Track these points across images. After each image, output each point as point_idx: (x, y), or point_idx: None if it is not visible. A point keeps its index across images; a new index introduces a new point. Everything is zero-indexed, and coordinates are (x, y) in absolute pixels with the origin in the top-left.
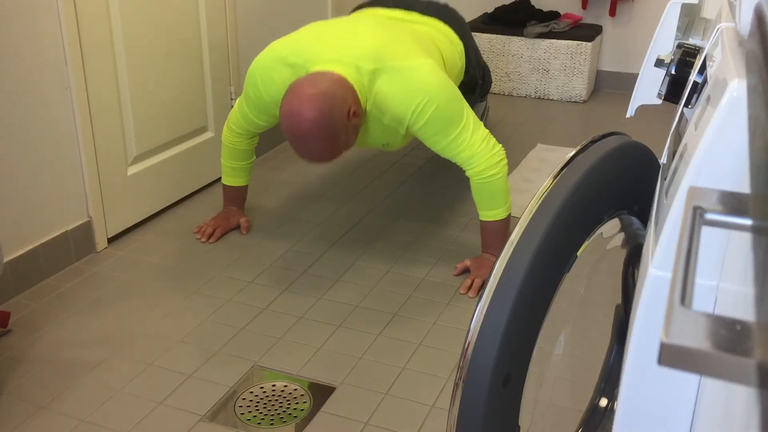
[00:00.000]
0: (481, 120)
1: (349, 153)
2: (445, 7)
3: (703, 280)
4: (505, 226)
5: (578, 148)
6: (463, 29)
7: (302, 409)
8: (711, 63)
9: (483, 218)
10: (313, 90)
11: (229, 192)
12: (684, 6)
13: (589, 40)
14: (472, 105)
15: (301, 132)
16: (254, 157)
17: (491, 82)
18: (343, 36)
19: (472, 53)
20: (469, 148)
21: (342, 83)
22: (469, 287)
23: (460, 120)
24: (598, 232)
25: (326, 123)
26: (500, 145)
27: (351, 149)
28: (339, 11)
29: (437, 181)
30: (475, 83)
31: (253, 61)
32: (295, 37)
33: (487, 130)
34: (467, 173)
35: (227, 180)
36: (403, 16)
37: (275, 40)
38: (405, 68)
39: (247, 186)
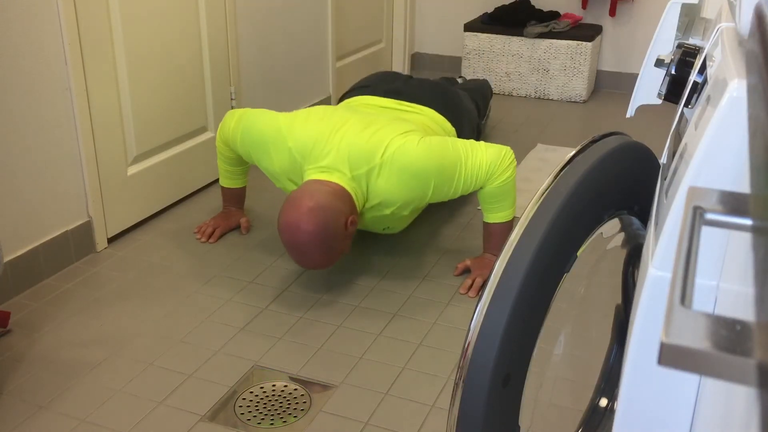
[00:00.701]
0: (482, 121)
1: None
2: (437, 86)
3: (703, 280)
4: (510, 227)
5: (578, 148)
6: (456, 110)
7: (302, 409)
8: (711, 63)
9: (489, 220)
10: (312, 203)
11: (228, 193)
12: (684, 6)
13: (589, 40)
14: None
15: (299, 244)
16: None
17: (492, 94)
18: (338, 137)
19: (466, 129)
20: (480, 168)
21: (340, 194)
22: (470, 287)
23: (458, 162)
24: (598, 232)
25: (324, 236)
26: (504, 146)
27: None
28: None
29: None
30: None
31: (257, 119)
32: (299, 128)
33: (480, 141)
34: (487, 184)
35: (225, 182)
36: (393, 105)
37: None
38: (393, 160)
39: (245, 187)
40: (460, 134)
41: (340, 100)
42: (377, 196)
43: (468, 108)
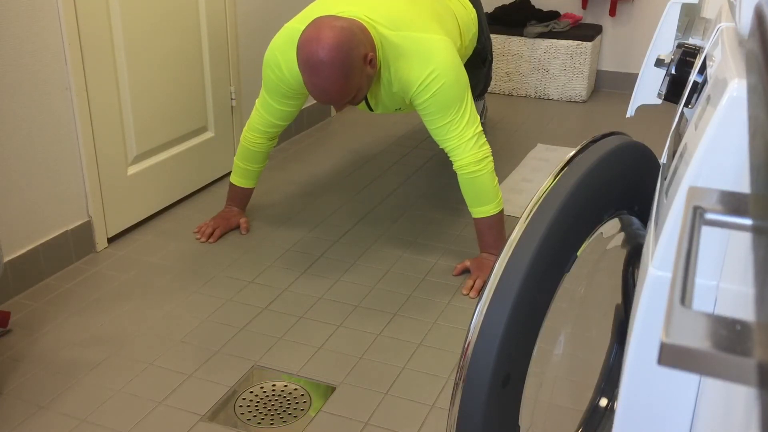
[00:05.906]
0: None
1: (347, 151)
2: None
3: (703, 280)
4: (499, 222)
5: (578, 148)
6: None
7: (302, 409)
8: (711, 63)
9: (475, 215)
10: (335, 22)
11: (235, 192)
12: (684, 6)
13: (589, 40)
14: (479, 81)
15: (318, 58)
16: (267, 161)
17: (491, 80)
18: (361, 2)
19: (483, 22)
20: (457, 138)
21: (363, 29)
22: (471, 287)
23: (460, 107)
24: (598, 232)
25: (344, 54)
26: (488, 144)
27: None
28: None
29: (438, 181)
30: (485, 54)
31: (269, 47)
32: (308, 12)
33: (481, 128)
34: (453, 166)
35: (236, 180)
36: None
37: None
38: (422, 40)
39: (253, 189)
40: (479, 26)
41: None
42: (387, 60)
43: (485, 18)
